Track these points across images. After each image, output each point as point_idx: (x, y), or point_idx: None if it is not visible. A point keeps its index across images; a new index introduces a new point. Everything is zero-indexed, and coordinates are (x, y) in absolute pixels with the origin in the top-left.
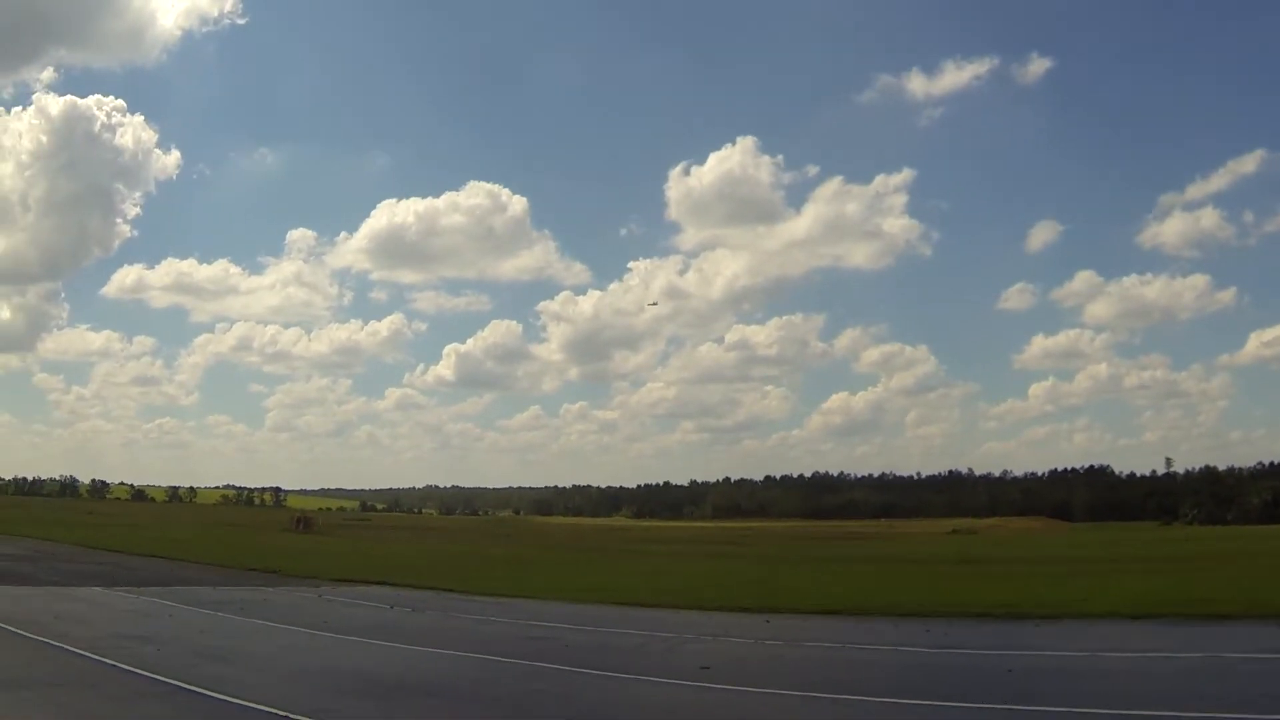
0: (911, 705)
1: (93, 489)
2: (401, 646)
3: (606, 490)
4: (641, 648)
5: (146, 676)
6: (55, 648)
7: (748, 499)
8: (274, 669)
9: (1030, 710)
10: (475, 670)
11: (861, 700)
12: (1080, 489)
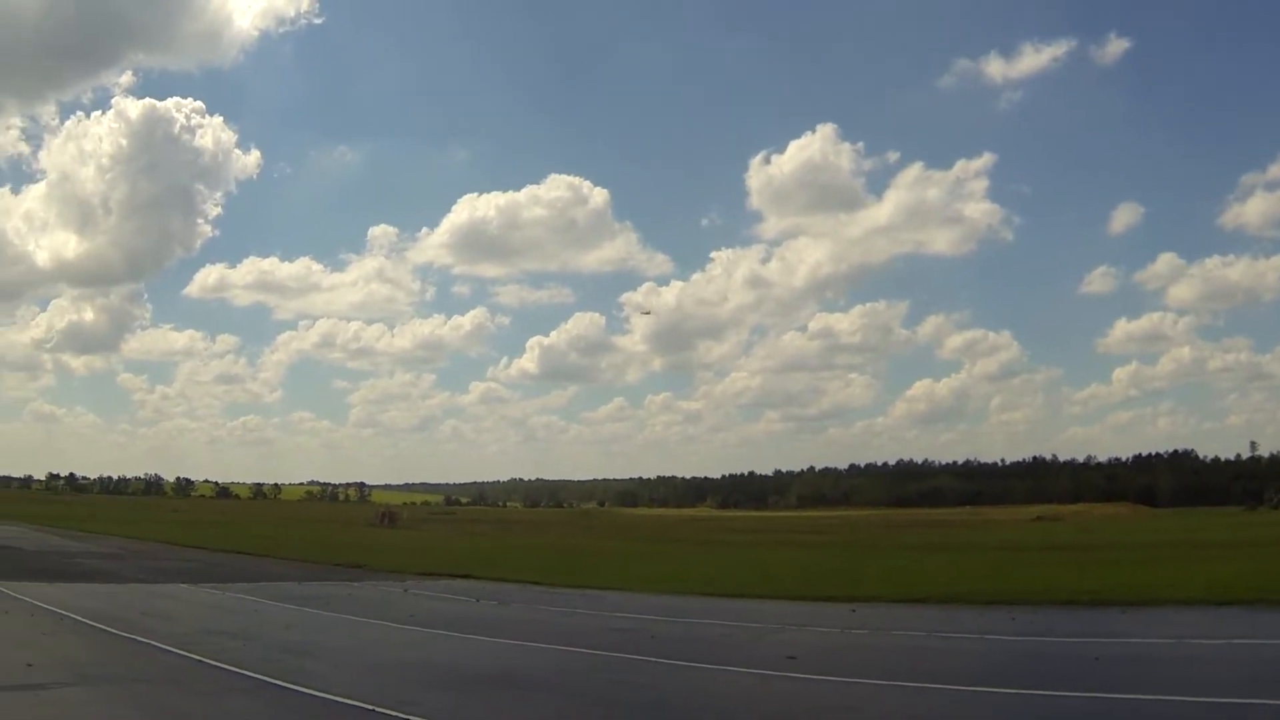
0: (999, 694)
1: (177, 487)
2: (487, 639)
3: (691, 481)
4: (727, 638)
5: (233, 672)
6: (143, 644)
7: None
8: (360, 663)
9: (1118, 698)
10: (562, 662)
11: (949, 689)
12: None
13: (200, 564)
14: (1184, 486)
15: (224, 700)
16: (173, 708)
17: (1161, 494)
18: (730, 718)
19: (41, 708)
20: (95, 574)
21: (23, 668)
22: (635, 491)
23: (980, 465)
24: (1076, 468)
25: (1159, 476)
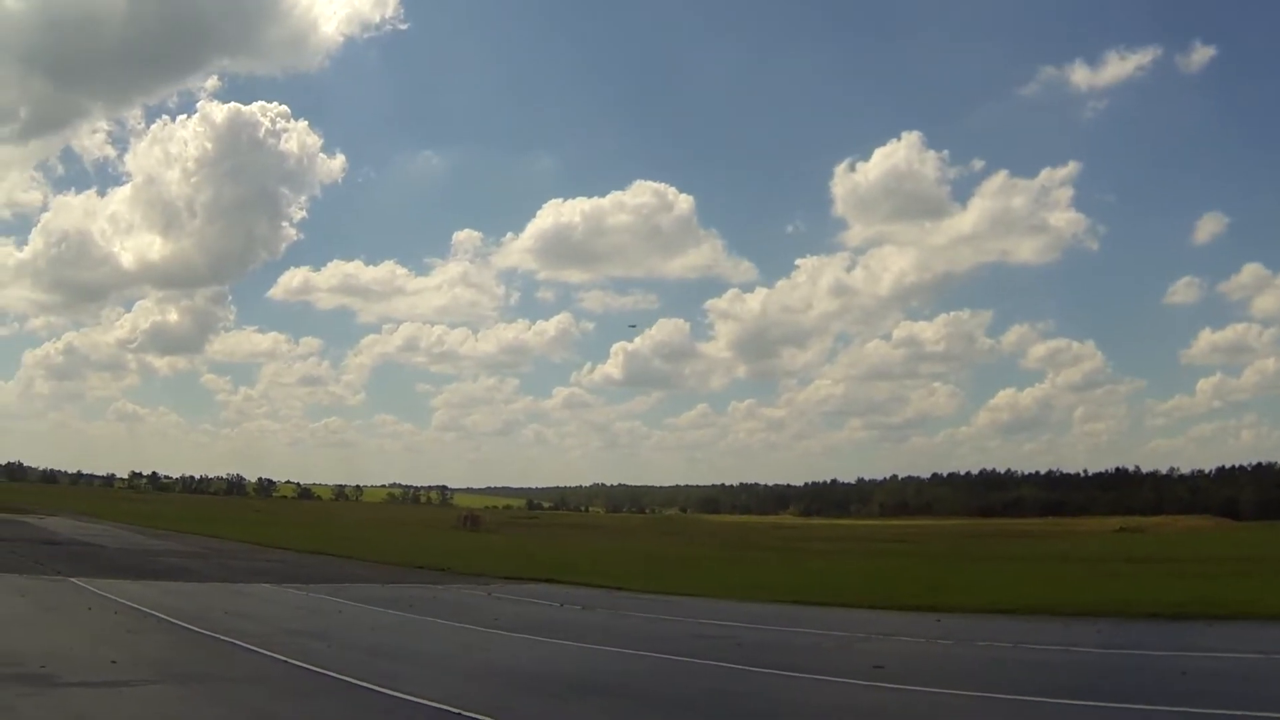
0: (1086, 707)
1: (259, 487)
2: (573, 644)
3: (773, 488)
4: (814, 646)
5: (319, 673)
6: (227, 643)
7: (915, 497)
8: (446, 666)
9: (1208, 713)
10: (648, 669)
11: (1036, 701)
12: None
13: (282, 564)
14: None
15: (310, 701)
16: (259, 708)
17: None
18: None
19: (126, 705)
20: (178, 572)
21: (107, 664)
22: (717, 498)
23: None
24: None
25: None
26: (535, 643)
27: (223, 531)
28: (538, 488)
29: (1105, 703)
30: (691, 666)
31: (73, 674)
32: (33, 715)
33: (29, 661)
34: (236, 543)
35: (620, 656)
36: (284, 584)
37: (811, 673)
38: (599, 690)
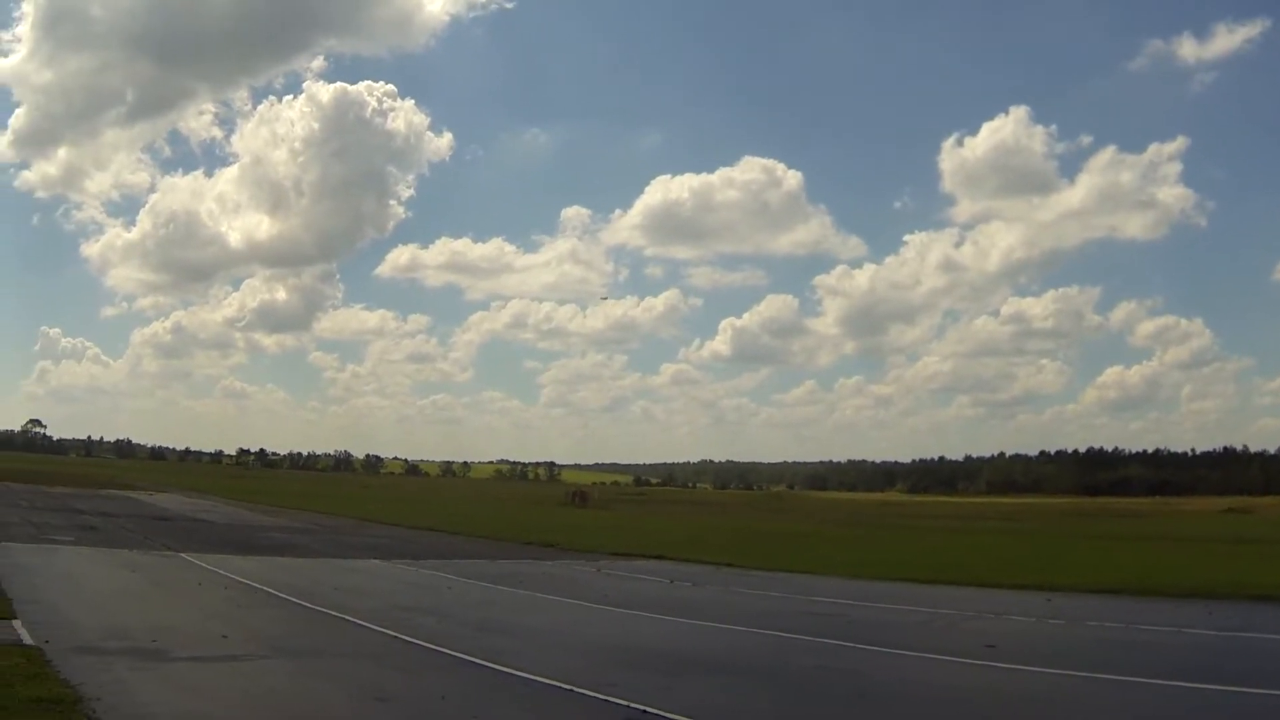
0: (1200, 689)
1: (366, 464)
2: (682, 621)
3: (880, 465)
4: (924, 624)
5: (429, 648)
6: (336, 618)
7: (1022, 474)
8: (556, 642)
9: None
10: (758, 645)
11: (1148, 683)
12: None
13: (391, 540)
14: None
15: (422, 677)
16: (370, 683)
17: None
18: (932, 706)
19: (237, 679)
20: (287, 548)
21: (218, 639)
22: (825, 475)
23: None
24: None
25: None
26: (644, 619)
27: (330, 507)
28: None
29: (1221, 685)
30: (801, 643)
31: (183, 648)
32: (144, 689)
33: (140, 636)
34: (344, 518)
35: (729, 633)
36: (393, 560)
37: (922, 651)
38: (708, 666)
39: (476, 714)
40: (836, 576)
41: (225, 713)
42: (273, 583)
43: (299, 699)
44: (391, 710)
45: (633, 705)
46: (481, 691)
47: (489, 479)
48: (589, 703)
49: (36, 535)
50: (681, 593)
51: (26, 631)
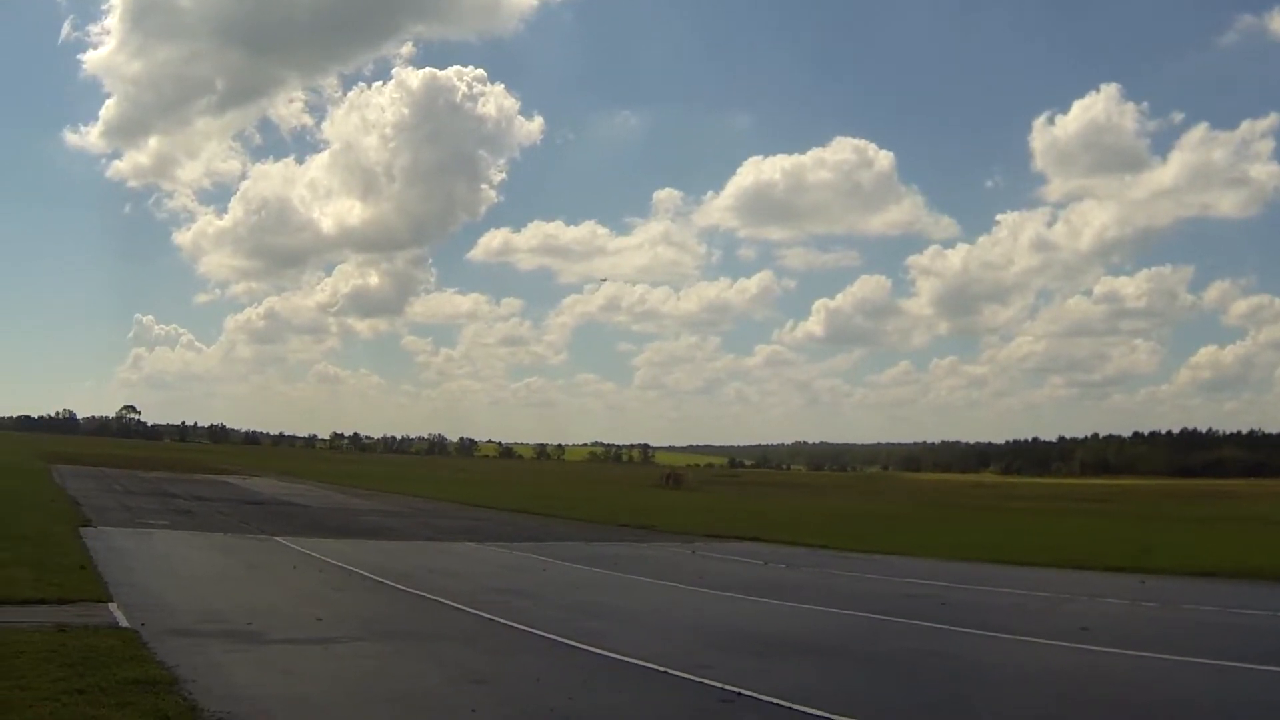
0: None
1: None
2: (779, 603)
3: (974, 446)
4: (1019, 606)
5: (523, 630)
6: (431, 601)
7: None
8: (650, 624)
9: None
10: (853, 627)
11: (1245, 668)
12: None
13: (485, 523)
14: None
15: (516, 658)
16: (465, 665)
17: None
18: (1027, 688)
19: (332, 661)
20: (381, 531)
21: (313, 621)
22: (919, 456)
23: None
24: None
25: None
26: (740, 601)
27: (424, 491)
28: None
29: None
30: (896, 626)
31: (279, 631)
32: (240, 671)
33: (235, 619)
34: (438, 501)
35: (825, 615)
36: (487, 542)
37: (1017, 634)
38: (803, 648)
39: (571, 696)
40: (931, 558)
41: (320, 695)
42: (367, 565)
43: (393, 681)
44: (486, 692)
45: (727, 687)
46: (576, 673)
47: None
48: (684, 685)
49: (131, 520)
50: (776, 575)
51: (122, 614)
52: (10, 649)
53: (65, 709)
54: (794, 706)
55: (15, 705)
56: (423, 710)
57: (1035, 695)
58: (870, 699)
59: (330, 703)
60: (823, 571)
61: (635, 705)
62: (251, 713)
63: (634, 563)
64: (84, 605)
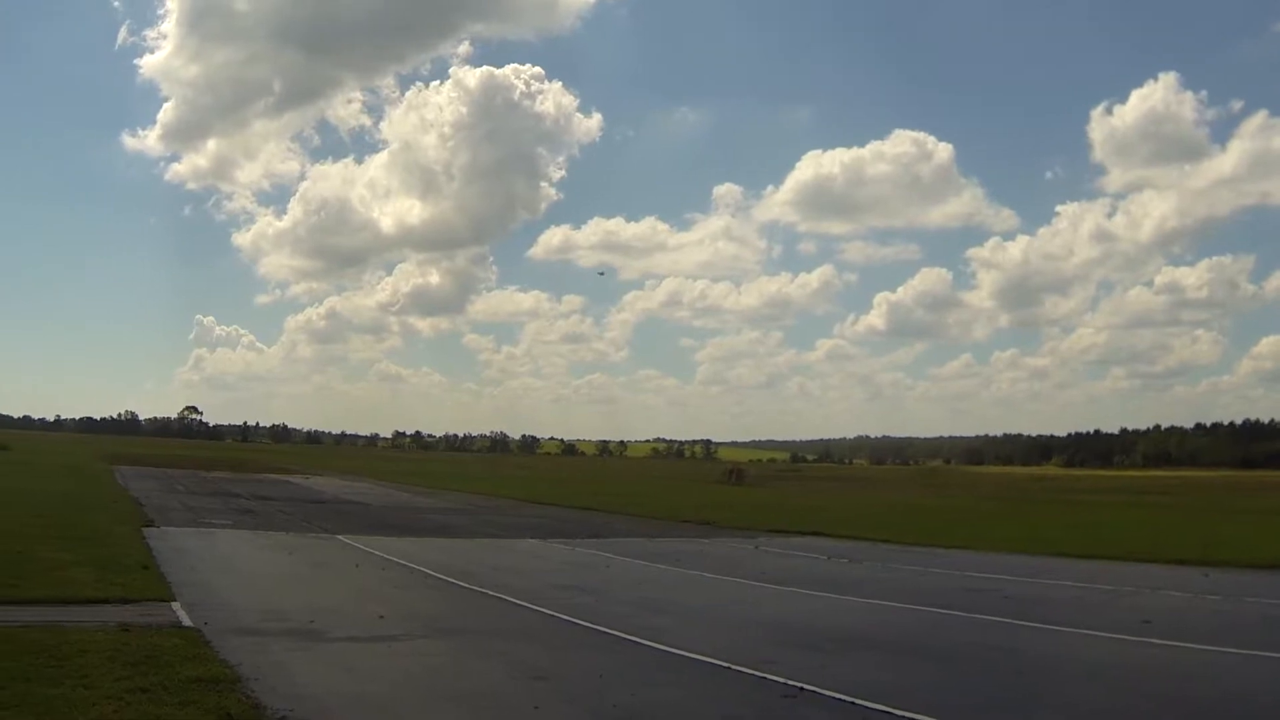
0: None
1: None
2: (841, 598)
3: (1036, 439)
4: (1080, 600)
5: (586, 627)
6: (493, 598)
7: (1177, 447)
8: (714, 620)
9: None
10: (915, 622)
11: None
12: None
13: (548, 520)
14: None
15: (578, 655)
16: (527, 661)
17: None
18: (1089, 683)
19: (395, 659)
20: (443, 529)
21: (375, 619)
22: (981, 449)
23: None
24: None
25: None
26: (802, 596)
27: (487, 488)
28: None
29: None
30: (958, 620)
31: (341, 629)
32: (302, 669)
33: (298, 617)
34: (501, 499)
35: (887, 610)
36: (549, 539)
37: (1078, 627)
38: (866, 643)
39: (634, 692)
40: (993, 552)
41: (383, 692)
42: (429, 563)
43: (456, 678)
44: (549, 688)
45: (790, 683)
46: (639, 669)
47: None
48: (746, 680)
49: (194, 519)
50: (839, 569)
51: (185, 613)
52: (74, 648)
53: (129, 707)
54: (856, 701)
55: (79, 704)
56: (485, 707)
57: (1096, 689)
58: (932, 694)
59: (392, 700)
60: (885, 566)
61: (698, 701)
62: (314, 710)
63: (696, 558)
64: (147, 605)
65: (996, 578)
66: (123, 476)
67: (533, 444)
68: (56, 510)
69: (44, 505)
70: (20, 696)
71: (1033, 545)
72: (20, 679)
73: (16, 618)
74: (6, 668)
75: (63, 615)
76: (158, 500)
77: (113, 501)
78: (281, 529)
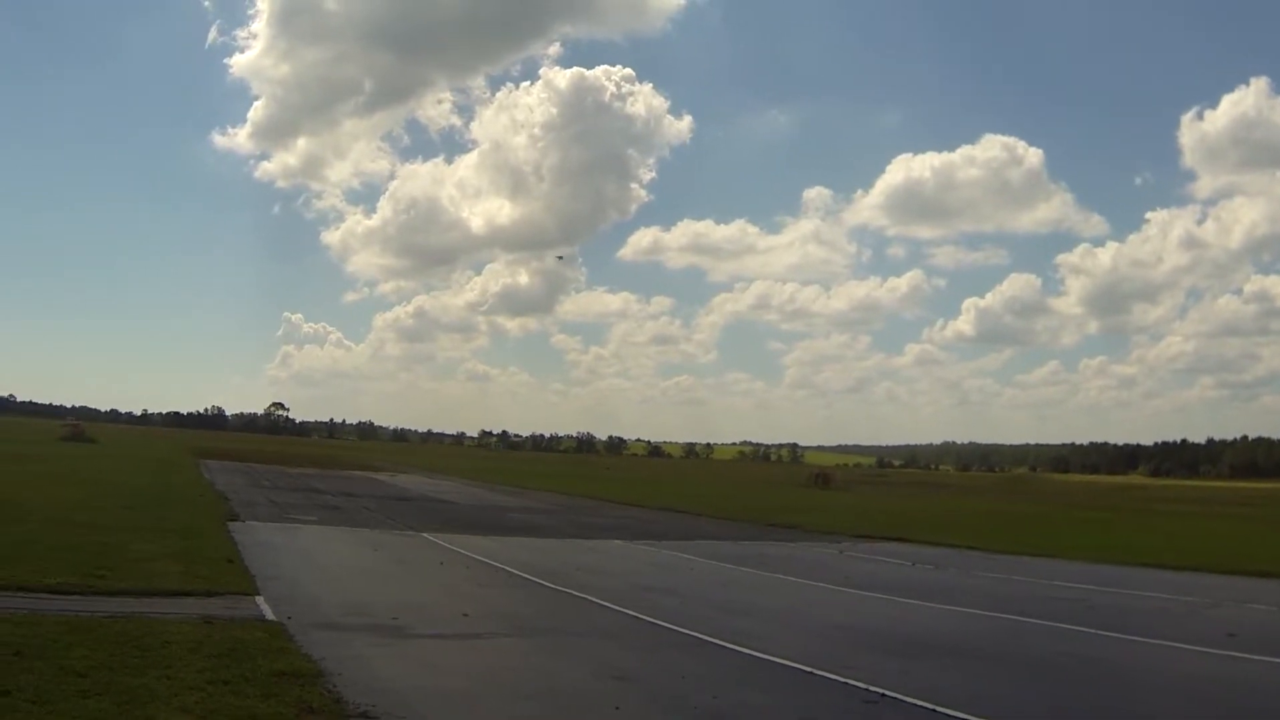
0: None
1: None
2: (925, 604)
3: (1123, 448)
4: (1164, 611)
5: (669, 629)
6: (578, 598)
7: (1265, 458)
8: (797, 624)
9: None
10: (998, 630)
11: None
12: None
13: (633, 521)
14: None
15: (661, 656)
16: (610, 661)
17: None
18: (1171, 695)
19: (478, 656)
20: (528, 528)
21: (459, 617)
22: (1067, 457)
23: None
24: None
25: None
26: (886, 601)
27: (573, 488)
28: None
29: None
30: (1042, 628)
31: (425, 626)
32: (385, 665)
33: (381, 613)
34: (587, 499)
35: (971, 617)
36: (635, 540)
37: (1163, 639)
38: (949, 650)
39: (716, 695)
40: (1077, 561)
41: (466, 689)
42: (514, 562)
43: (539, 677)
44: (631, 689)
45: (872, 688)
46: (722, 672)
47: (731, 460)
48: (829, 685)
49: (279, 514)
50: (923, 576)
51: (269, 607)
52: (158, 639)
53: (211, 699)
54: (937, 709)
55: (162, 694)
56: (567, 706)
57: (1176, 702)
58: (1013, 703)
59: (474, 697)
60: (970, 573)
61: (779, 705)
62: (396, 706)
63: (781, 562)
64: (231, 598)
65: (1080, 587)
66: (208, 471)
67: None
68: (144, 503)
69: (132, 498)
70: (105, 685)
71: (1117, 555)
72: (105, 668)
73: (103, 608)
74: (92, 656)
75: (148, 607)
76: (243, 495)
77: (198, 495)
78: (366, 525)
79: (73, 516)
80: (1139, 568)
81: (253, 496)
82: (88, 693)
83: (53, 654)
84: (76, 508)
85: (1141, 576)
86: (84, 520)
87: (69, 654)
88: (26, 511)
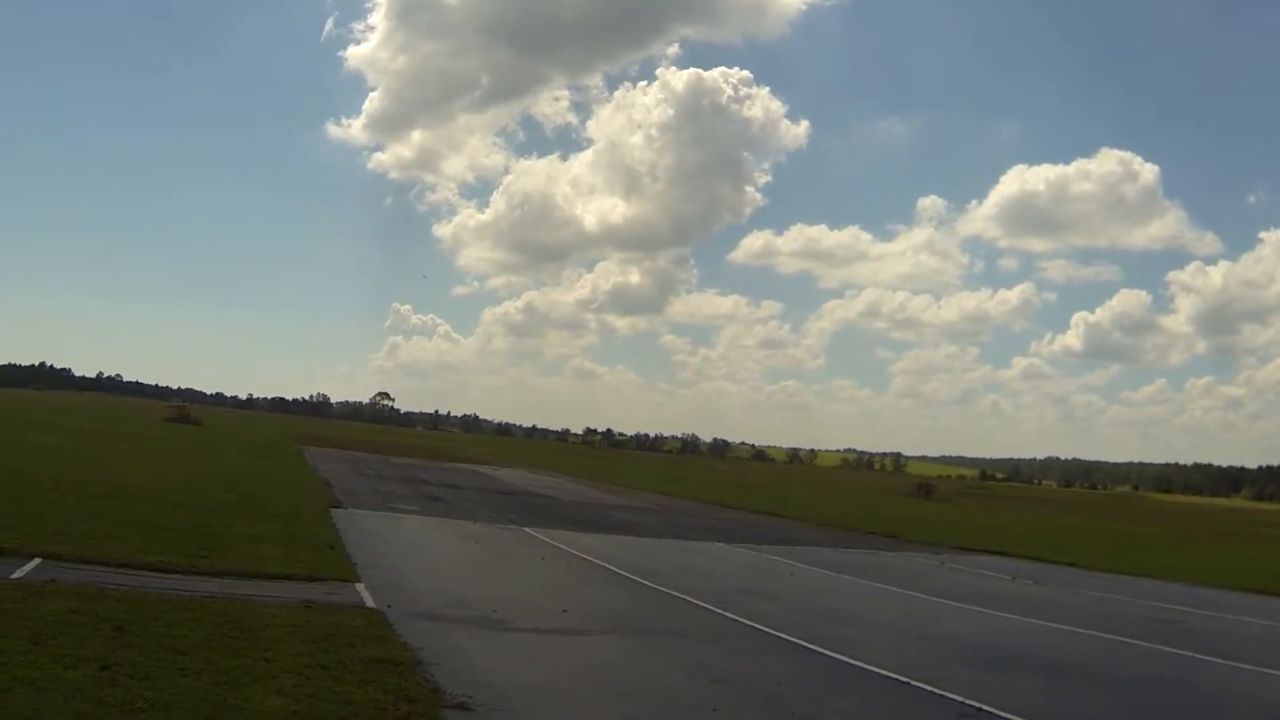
0: None
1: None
2: (1022, 619)
3: (1226, 470)
4: (1264, 637)
5: (767, 633)
6: (677, 598)
7: None
8: (894, 633)
9: None
10: (1095, 648)
11: None
12: None
13: (735, 524)
14: None
15: (758, 660)
16: (708, 663)
17: None
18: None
19: (576, 653)
20: (630, 527)
21: (558, 613)
22: (1170, 477)
23: None
24: None
25: None
26: (984, 615)
27: (676, 489)
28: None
29: None
30: (1138, 649)
31: (523, 620)
32: (483, 657)
33: (481, 606)
34: (689, 501)
35: (1068, 634)
36: (735, 543)
37: (1260, 665)
38: (1043, 667)
39: (812, 700)
40: (1178, 582)
41: (562, 685)
42: (615, 560)
43: (635, 675)
44: (727, 691)
45: (967, 702)
46: (817, 678)
47: (834, 467)
48: (923, 696)
49: (382, 504)
50: (1023, 590)
51: (369, 595)
52: (258, 621)
53: (308, 682)
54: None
55: (260, 676)
56: (663, 706)
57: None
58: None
59: (570, 693)
60: (1070, 589)
61: (874, 713)
62: (492, 698)
63: (881, 571)
64: (331, 584)
65: (1180, 609)
66: (312, 457)
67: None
68: (248, 486)
69: (236, 481)
70: (203, 664)
71: (1219, 577)
72: (204, 647)
73: (204, 589)
74: (192, 636)
75: (249, 589)
76: (346, 482)
77: (302, 481)
78: (469, 518)
79: (176, 497)
80: (1240, 592)
81: (356, 484)
82: (186, 670)
83: (153, 631)
84: (180, 488)
85: (1242, 601)
86: (187, 501)
87: (170, 632)
88: (131, 490)
